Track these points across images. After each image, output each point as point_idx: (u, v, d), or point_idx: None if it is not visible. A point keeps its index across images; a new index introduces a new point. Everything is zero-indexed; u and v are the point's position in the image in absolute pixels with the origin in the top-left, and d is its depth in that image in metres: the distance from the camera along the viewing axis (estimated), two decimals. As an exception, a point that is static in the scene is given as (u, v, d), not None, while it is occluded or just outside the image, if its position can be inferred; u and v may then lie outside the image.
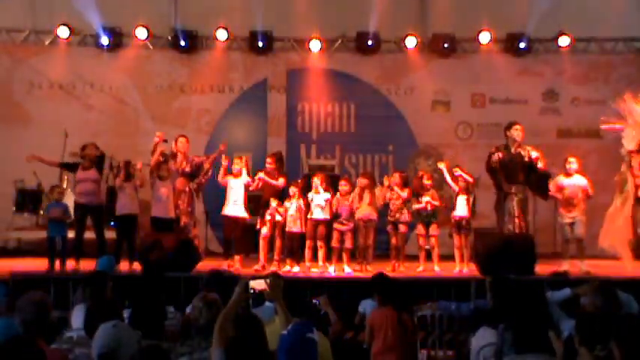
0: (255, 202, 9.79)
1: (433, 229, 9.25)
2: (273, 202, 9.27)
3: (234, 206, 9.33)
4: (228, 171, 9.39)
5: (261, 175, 9.37)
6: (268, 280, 4.66)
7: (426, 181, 9.39)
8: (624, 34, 12.21)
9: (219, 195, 9.63)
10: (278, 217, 9.25)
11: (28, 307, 3.72)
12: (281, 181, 9.39)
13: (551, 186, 9.23)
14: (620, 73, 12.17)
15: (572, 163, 9.18)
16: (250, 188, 9.48)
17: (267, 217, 9.27)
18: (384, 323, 5.24)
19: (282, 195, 9.38)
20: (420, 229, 9.32)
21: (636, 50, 12.48)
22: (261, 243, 9.31)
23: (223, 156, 9.52)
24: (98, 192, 9.32)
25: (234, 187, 9.35)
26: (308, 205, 9.14)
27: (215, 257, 10.03)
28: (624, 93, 9.36)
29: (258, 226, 9.46)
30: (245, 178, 9.37)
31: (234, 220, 9.37)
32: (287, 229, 9.17)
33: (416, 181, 9.54)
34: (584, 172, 9.32)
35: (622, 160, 9.38)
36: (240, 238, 9.48)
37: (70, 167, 9.61)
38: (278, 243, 9.26)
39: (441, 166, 9.54)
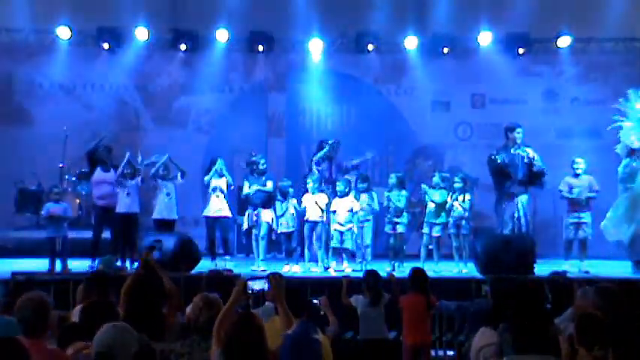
0: (244, 202, 9.86)
1: (436, 230, 9.25)
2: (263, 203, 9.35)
3: (216, 205, 9.42)
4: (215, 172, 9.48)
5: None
6: (270, 280, 4.66)
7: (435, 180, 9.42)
8: (624, 34, 12.21)
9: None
10: (267, 218, 9.28)
11: (28, 307, 3.72)
12: (269, 185, 9.40)
13: (562, 186, 9.29)
14: (620, 73, 12.16)
15: (580, 164, 9.22)
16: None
17: (254, 218, 9.31)
18: (413, 306, 6.05)
19: (277, 195, 9.39)
20: (425, 228, 9.33)
21: (636, 50, 12.48)
22: (254, 244, 9.38)
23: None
24: (116, 194, 9.35)
25: (216, 185, 9.42)
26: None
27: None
28: (624, 93, 9.35)
29: (245, 227, 9.53)
30: (227, 179, 9.46)
31: (216, 219, 9.46)
32: (285, 229, 9.19)
33: None
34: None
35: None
36: (226, 238, 9.55)
37: (91, 161, 9.61)
38: (265, 243, 9.36)
39: None
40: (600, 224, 9.12)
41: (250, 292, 4.49)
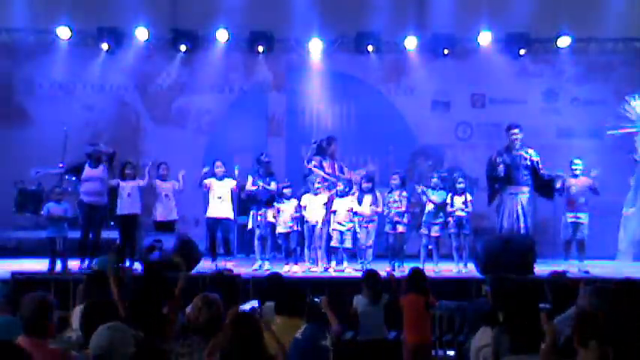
0: (245, 202, 9.85)
1: (435, 230, 9.25)
2: (266, 202, 9.34)
3: (218, 206, 9.41)
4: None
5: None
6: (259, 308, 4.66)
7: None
8: (624, 34, 12.20)
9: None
10: (270, 217, 9.28)
11: (30, 306, 3.73)
12: (273, 186, 9.40)
13: (559, 185, 9.31)
14: (620, 73, 12.17)
15: (578, 165, 9.26)
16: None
17: (259, 217, 9.31)
18: (413, 306, 6.03)
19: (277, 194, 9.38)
20: (424, 228, 9.33)
21: (636, 50, 12.48)
22: (256, 243, 9.38)
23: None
24: (104, 191, 9.32)
25: (216, 188, 9.42)
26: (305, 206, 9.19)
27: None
28: (624, 93, 9.38)
29: (249, 227, 9.53)
30: (231, 181, 9.44)
31: (217, 221, 9.45)
32: (284, 229, 9.19)
33: None
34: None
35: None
36: (227, 238, 9.55)
37: (75, 170, 9.57)
38: (269, 243, 9.35)
39: None
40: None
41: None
